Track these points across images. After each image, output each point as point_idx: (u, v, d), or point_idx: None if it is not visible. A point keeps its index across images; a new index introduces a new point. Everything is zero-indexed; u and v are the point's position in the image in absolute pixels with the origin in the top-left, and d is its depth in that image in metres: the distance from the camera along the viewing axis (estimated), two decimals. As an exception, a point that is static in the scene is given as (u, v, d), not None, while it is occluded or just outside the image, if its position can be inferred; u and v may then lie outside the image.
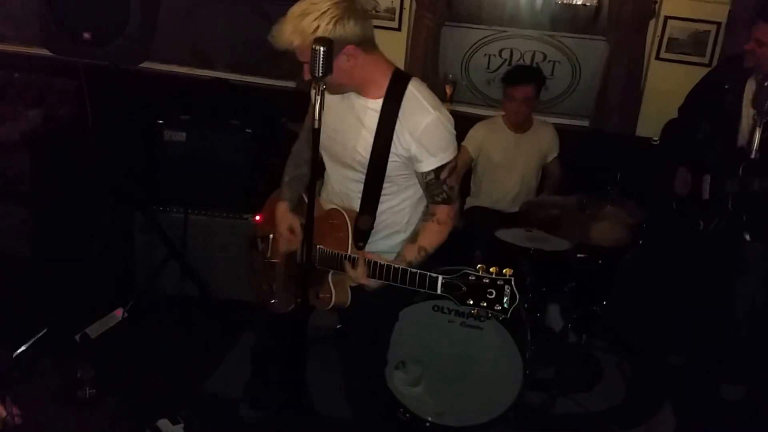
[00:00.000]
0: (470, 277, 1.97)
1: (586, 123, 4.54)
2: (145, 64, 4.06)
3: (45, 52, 3.60)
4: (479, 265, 1.98)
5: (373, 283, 2.22)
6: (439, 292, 2.04)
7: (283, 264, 2.61)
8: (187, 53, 4.83)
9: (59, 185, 4.02)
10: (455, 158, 2.30)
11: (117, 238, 3.89)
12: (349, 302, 2.40)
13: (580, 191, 3.65)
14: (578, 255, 3.49)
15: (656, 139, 4.08)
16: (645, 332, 4.02)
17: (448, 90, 4.55)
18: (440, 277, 2.03)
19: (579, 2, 4.49)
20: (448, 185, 2.29)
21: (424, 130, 2.19)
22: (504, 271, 1.95)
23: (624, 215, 3.49)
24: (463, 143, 4.06)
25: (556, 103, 4.61)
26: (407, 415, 3.19)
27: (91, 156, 3.84)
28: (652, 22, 4.26)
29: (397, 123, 2.20)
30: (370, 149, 2.24)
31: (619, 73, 4.28)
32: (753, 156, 3.15)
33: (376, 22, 4.16)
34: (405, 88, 2.22)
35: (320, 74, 1.86)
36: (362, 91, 2.26)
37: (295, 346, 2.37)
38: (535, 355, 3.27)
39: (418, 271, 2.11)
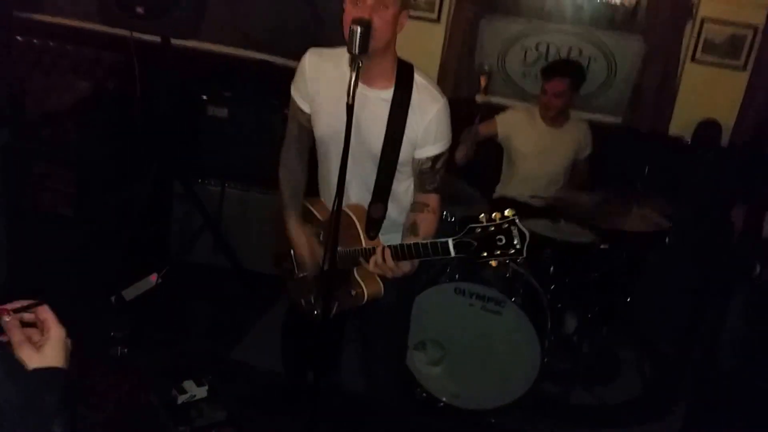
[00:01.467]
0: (477, 230, 1.95)
1: (619, 120, 4.54)
2: (193, 43, 4.20)
3: (97, 26, 3.72)
4: (481, 215, 1.96)
5: (406, 266, 2.19)
6: (453, 254, 2.02)
7: (313, 275, 2.54)
8: (233, 34, 4.92)
9: (104, 152, 4.17)
10: (449, 150, 2.32)
11: (156, 206, 4.01)
12: (383, 291, 2.35)
13: (609, 187, 3.68)
14: (602, 246, 3.49)
15: (688, 139, 4.09)
16: (666, 332, 4.02)
17: (483, 81, 4.55)
18: (450, 240, 2.01)
19: (617, 1, 4.49)
20: (440, 174, 2.32)
21: (435, 116, 2.21)
22: (506, 213, 1.92)
23: (650, 212, 3.51)
24: (497, 116, 4.08)
25: (590, 99, 4.59)
26: (423, 394, 3.26)
27: (136, 126, 3.97)
28: (689, 23, 4.24)
29: (410, 110, 2.22)
30: (383, 138, 2.24)
31: (655, 72, 4.29)
32: None
33: (415, 14, 4.27)
34: (412, 76, 2.25)
35: (357, 51, 1.93)
36: (372, 81, 2.22)
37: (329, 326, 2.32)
38: (554, 344, 3.31)
39: (429, 241, 2.09)
